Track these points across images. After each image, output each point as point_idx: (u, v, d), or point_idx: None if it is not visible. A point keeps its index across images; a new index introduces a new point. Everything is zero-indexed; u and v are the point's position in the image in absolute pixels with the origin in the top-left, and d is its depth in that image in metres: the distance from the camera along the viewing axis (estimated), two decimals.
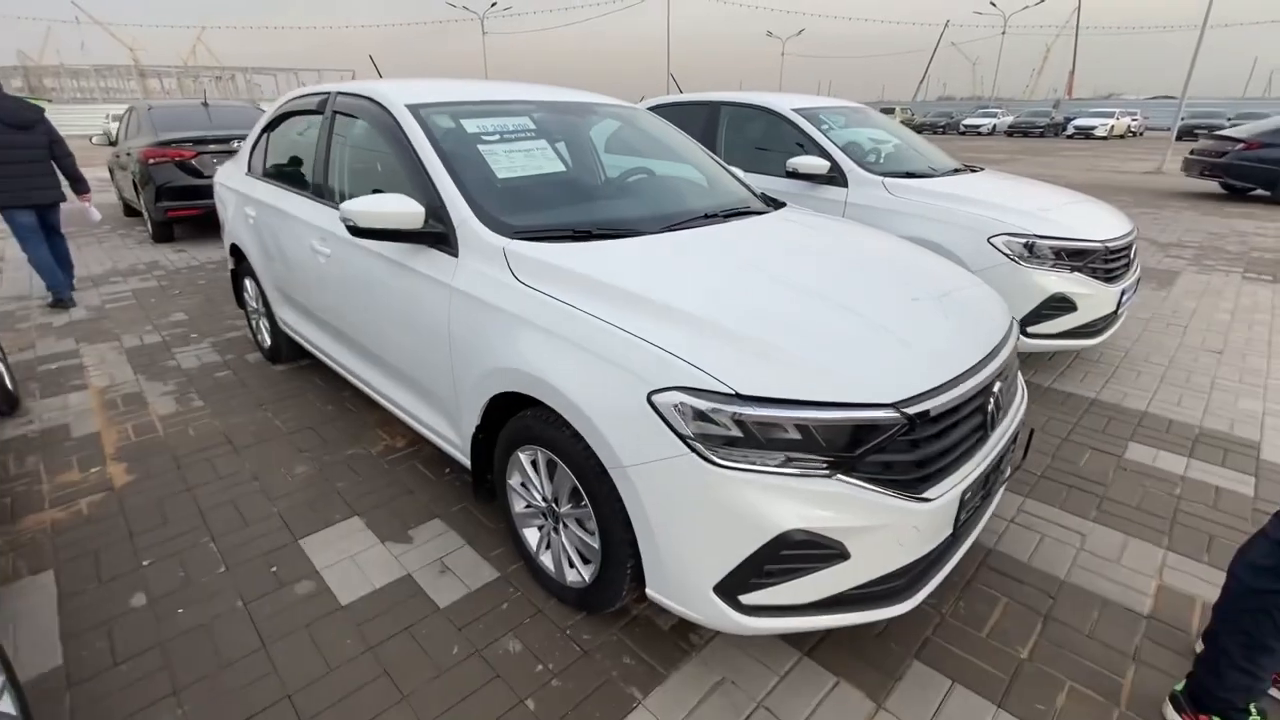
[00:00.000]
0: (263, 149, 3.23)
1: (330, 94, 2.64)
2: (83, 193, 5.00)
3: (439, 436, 2.22)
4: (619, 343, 1.51)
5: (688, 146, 2.94)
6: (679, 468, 1.40)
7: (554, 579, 1.88)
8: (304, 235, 2.63)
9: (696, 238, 2.05)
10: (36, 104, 4.67)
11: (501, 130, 2.30)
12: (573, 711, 1.56)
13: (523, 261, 1.78)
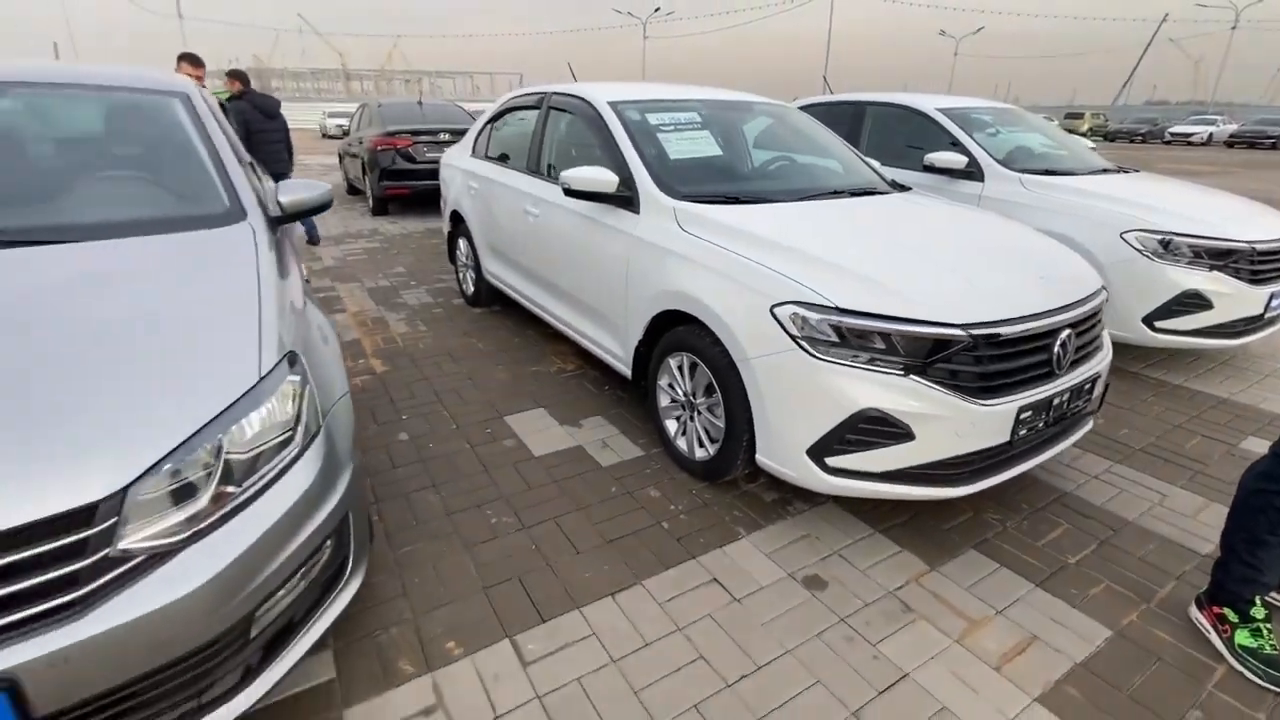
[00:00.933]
0: (486, 136, 4.18)
1: (547, 93, 3.46)
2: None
3: (606, 352, 2.93)
4: (751, 271, 2.10)
5: (828, 139, 3.43)
6: (788, 360, 1.96)
7: (686, 457, 2.50)
8: (519, 201, 3.47)
9: (822, 205, 2.58)
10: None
11: (675, 122, 2.96)
12: (693, 533, 2.17)
13: (687, 216, 2.42)
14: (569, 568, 2.00)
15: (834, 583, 1.96)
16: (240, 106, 5.75)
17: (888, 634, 1.77)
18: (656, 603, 1.86)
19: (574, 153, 3.25)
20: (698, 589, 1.92)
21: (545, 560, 2.04)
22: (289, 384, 1.39)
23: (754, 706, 1.55)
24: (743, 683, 1.61)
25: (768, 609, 1.85)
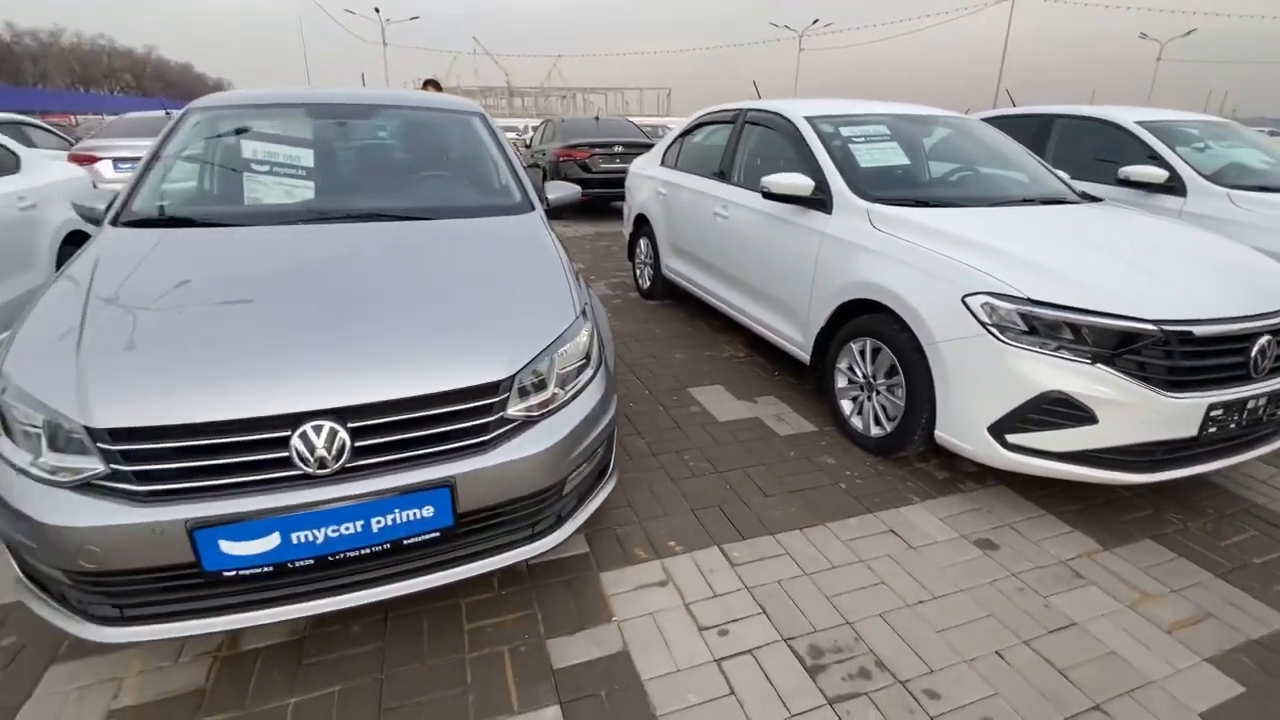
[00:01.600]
0: (678, 147, 4.72)
1: (742, 109, 3.91)
2: None
3: (785, 339, 3.29)
4: (942, 264, 2.37)
5: (1013, 150, 3.54)
6: (976, 344, 2.21)
7: (860, 433, 2.79)
8: (708, 205, 3.94)
9: (1010, 211, 2.77)
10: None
11: (865, 134, 3.27)
12: (869, 494, 2.46)
13: (879, 216, 2.73)
14: (760, 505, 2.39)
15: (1005, 546, 2.17)
16: None
17: (1058, 591, 1.97)
18: (839, 540, 2.20)
19: (765, 162, 3.66)
20: (876, 535, 2.23)
21: (739, 497, 2.44)
22: (586, 326, 1.92)
23: (932, 622, 1.84)
24: (921, 606, 1.90)
25: (942, 557, 2.12)
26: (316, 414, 1.44)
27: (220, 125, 2.61)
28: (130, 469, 1.37)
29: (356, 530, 1.46)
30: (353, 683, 1.62)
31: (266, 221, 2.22)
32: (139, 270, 1.86)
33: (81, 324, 1.59)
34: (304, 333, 1.61)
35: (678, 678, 1.65)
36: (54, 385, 1.42)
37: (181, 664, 1.68)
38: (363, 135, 2.92)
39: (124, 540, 1.34)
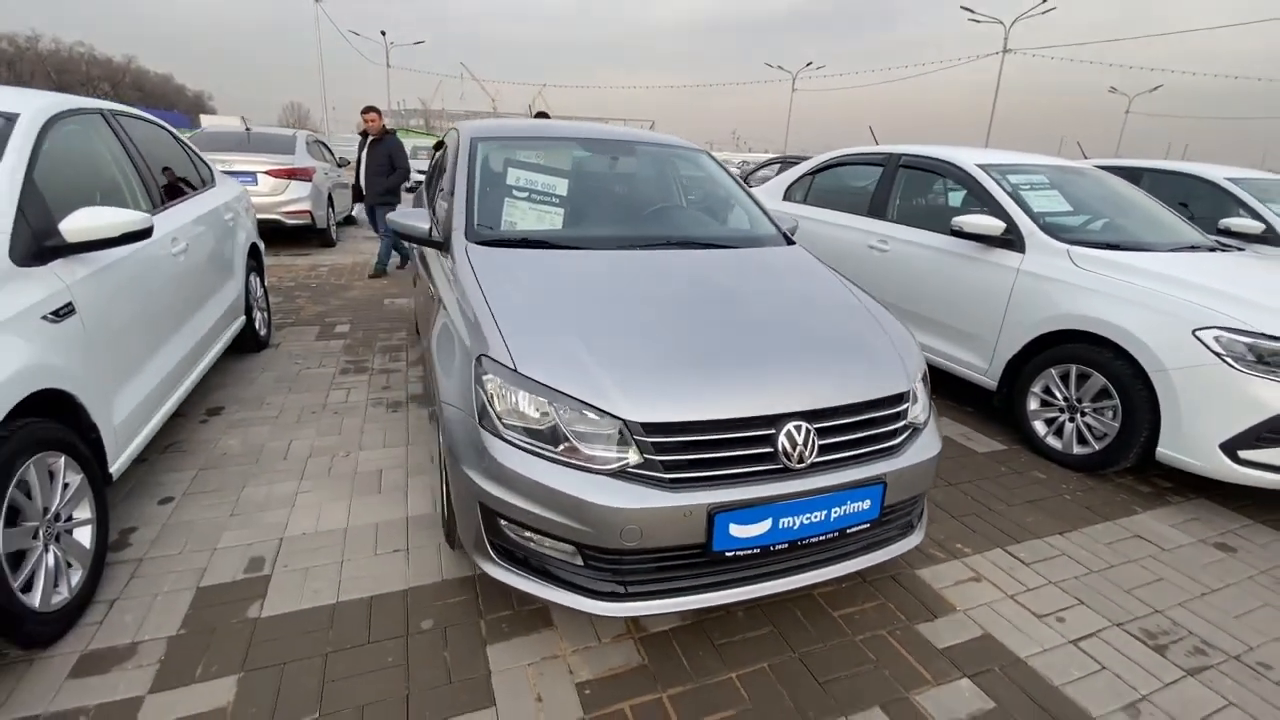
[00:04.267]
0: (805, 185, 5.05)
1: (895, 154, 4.26)
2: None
3: (961, 365, 3.59)
4: (1168, 300, 2.70)
5: (1144, 198, 3.96)
6: (1210, 373, 2.53)
7: (1059, 452, 3.09)
8: (860, 239, 4.25)
9: (1190, 255, 3.15)
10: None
11: (1031, 182, 3.63)
12: (1095, 505, 2.74)
13: (1082, 257, 3.06)
14: (1008, 513, 2.65)
15: (1243, 549, 2.47)
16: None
17: None
18: (1100, 543, 2.47)
19: (926, 202, 4.01)
20: (1127, 540, 2.51)
21: (984, 506, 2.70)
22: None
23: (1226, 609, 2.11)
24: (1207, 596, 2.17)
25: (1193, 559, 2.40)
26: (794, 415, 1.67)
27: (510, 154, 2.82)
28: (659, 459, 1.57)
29: (820, 519, 1.68)
30: (775, 660, 1.81)
31: (600, 245, 2.44)
32: (545, 279, 2.08)
33: (556, 324, 1.80)
34: (752, 344, 1.85)
35: (1049, 655, 1.88)
36: (586, 383, 1.62)
37: (605, 645, 1.85)
38: (636, 169, 3.17)
39: (658, 521, 1.54)
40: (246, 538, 2.26)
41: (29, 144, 2.11)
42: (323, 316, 5.17)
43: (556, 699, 1.65)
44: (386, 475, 2.73)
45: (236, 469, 2.72)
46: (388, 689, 1.65)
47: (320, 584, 2.03)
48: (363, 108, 6.61)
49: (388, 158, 6.51)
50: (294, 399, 3.49)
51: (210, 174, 3.97)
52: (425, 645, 1.80)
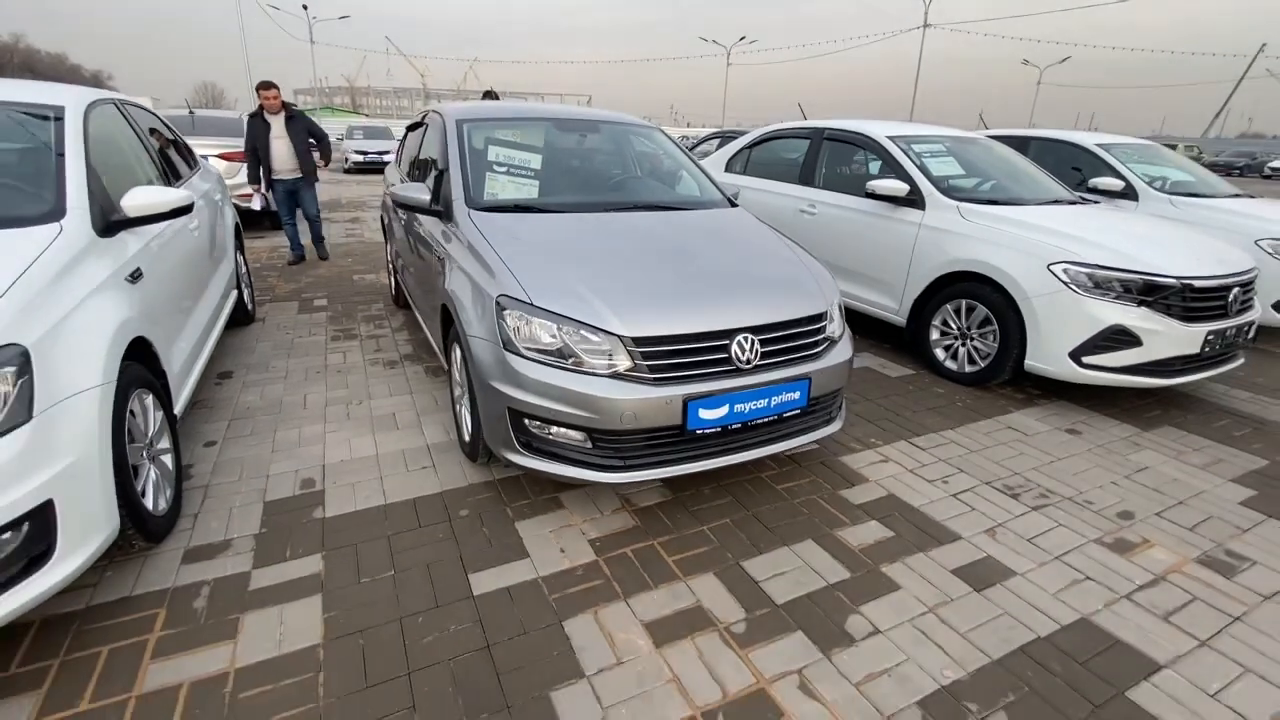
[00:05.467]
0: (744, 158, 5.61)
1: (820, 128, 4.86)
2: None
3: (877, 308, 4.26)
4: (1031, 243, 3.40)
5: (1022, 161, 4.70)
6: (1060, 297, 3.25)
7: (955, 372, 3.79)
8: (791, 205, 4.86)
9: (1052, 208, 3.88)
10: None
11: (931, 150, 4.31)
12: (978, 409, 3.45)
13: (969, 211, 3.75)
14: (912, 418, 3.33)
15: (1086, 432, 3.23)
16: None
17: (1129, 452, 3.02)
18: (981, 433, 3.17)
19: (847, 170, 4.64)
20: (1001, 430, 3.22)
21: (893, 413, 3.37)
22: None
23: (1063, 470, 2.83)
24: (1056, 463, 2.90)
25: (1048, 440, 3.13)
26: (742, 330, 2.23)
27: (489, 134, 3.24)
28: (645, 363, 2.11)
29: (764, 405, 2.26)
30: (734, 516, 2.40)
31: (577, 210, 2.92)
32: (538, 236, 2.56)
33: (554, 269, 2.30)
34: (708, 280, 2.39)
35: (935, 505, 2.54)
36: (587, 310, 2.13)
37: (606, 515, 2.39)
38: (600, 145, 3.63)
39: (646, 408, 2.08)
40: (292, 465, 2.67)
41: (80, 132, 2.42)
42: (298, 293, 5.43)
43: (575, 549, 2.19)
44: (399, 416, 3.16)
45: (264, 418, 3.10)
46: (443, 553, 2.15)
47: (368, 493, 2.49)
48: (259, 83, 5.92)
49: (307, 132, 6.10)
50: (295, 362, 3.84)
51: (195, 158, 4.20)
52: (465, 525, 2.30)
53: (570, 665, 1.71)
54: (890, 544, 2.28)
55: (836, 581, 2.07)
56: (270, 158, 5.96)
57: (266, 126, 5.89)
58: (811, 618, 1.91)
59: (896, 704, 1.63)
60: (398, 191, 2.95)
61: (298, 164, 6.08)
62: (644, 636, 1.82)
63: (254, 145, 5.91)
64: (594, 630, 1.83)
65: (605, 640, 1.80)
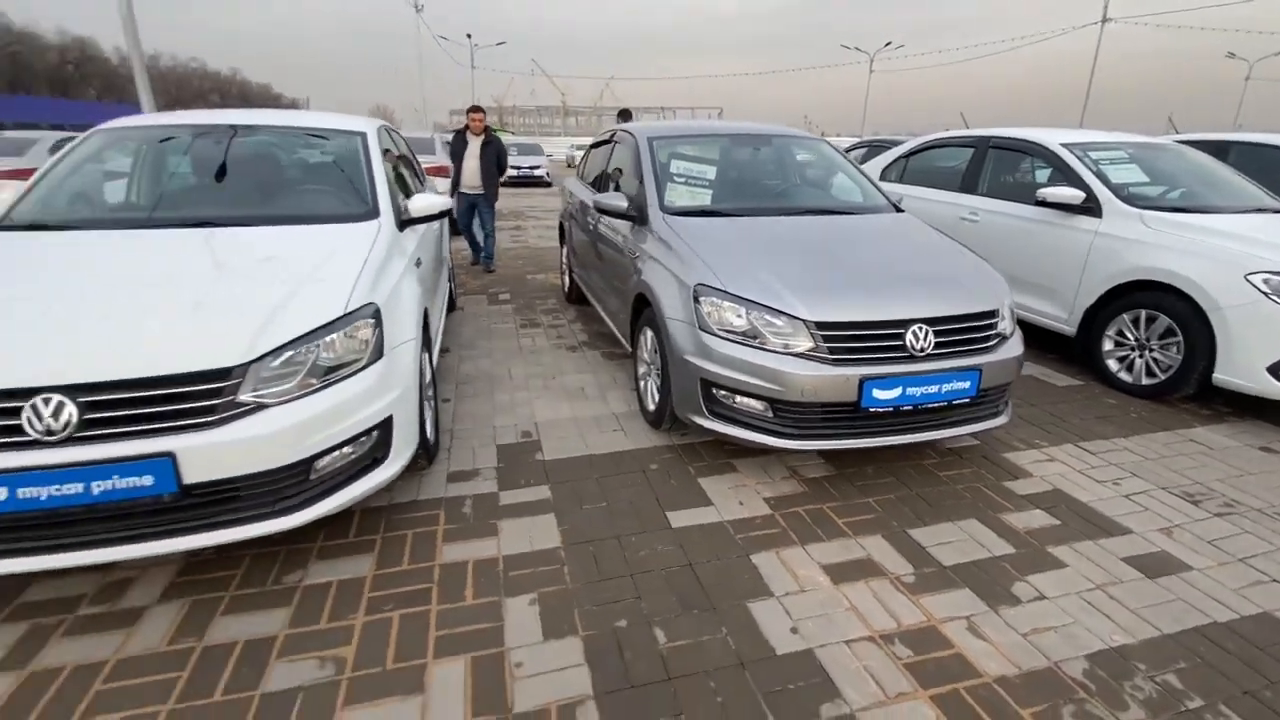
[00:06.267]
0: (901, 166, 5.70)
1: (986, 136, 4.87)
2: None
3: (1043, 316, 4.20)
4: (1227, 252, 3.26)
5: (1221, 168, 4.39)
6: (1258, 308, 3.09)
7: (1130, 384, 3.68)
8: (953, 212, 4.89)
9: (1248, 216, 3.65)
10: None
11: (1111, 157, 4.18)
12: (1156, 421, 3.35)
13: (1153, 219, 3.64)
14: (1081, 424, 3.31)
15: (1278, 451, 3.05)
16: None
17: None
18: (1159, 444, 3.11)
19: (1014, 178, 4.61)
20: (1179, 443, 3.12)
21: (1061, 419, 3.37)
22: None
23: (1253, 483, 2.73)
24: (1236, 478, 2.80)
25: (1237, 454, 3.01)
26: (917, 320, 2.46)
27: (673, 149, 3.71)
28: (826, 345, 2.41)
29: (935, 391, 2.48)
30: (898, 493, 2.62)
31: (753, 214, 3.29)
32: (724, 236, 2.96)
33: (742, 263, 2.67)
34: (882, 274, 2.66)
35: (1105, 502, 2.59)
36: (775, 297, 2.48)
37: (776, 480, 2.71)
38: (770, 156, 4.01)
39: (826, 385, 2.38)
40: (511, 420, 3.27)
41: (379, 150, 3.18)
42: (485, 288, 6.29)
43: (751, 504, 2.53)
44: (587, 390, 3.70)
45: (482, 383, 3.76)
46: (640, 494, 2.58)
47: (573, 445, 3.00)
48: (471, 106, 6.80)
49: (496, 156, 6.71)
50: (495, 344, 4.54)
51: (421, 170, 5.11)
52: (656, 476, 2.73)
53: (760, 586, 2.06)
54: (1056, 530, 2.39)
55: (1002, 554, 2.24)
56: (461, 172, 6.73)
57: (465, 144, 6.71)
58: (978, 580, 2.11)
59: (1064, 654, 1.80)
60: (601, 200, 3.48)
61: (482, 182, 6.76)
62: (822, 574, 2.12)
63: (456, 160, 6.76)
64: (777, 565, 2.17)
65: (788, 573, 2.12)
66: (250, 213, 2.73)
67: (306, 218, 2.71)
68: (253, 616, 1.91)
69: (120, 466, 1.67)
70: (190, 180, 2.91)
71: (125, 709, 1.60)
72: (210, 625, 1.87)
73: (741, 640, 1.84)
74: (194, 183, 2.91)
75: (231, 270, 2.25)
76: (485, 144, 6.73)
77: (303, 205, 2.88)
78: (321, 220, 2.70)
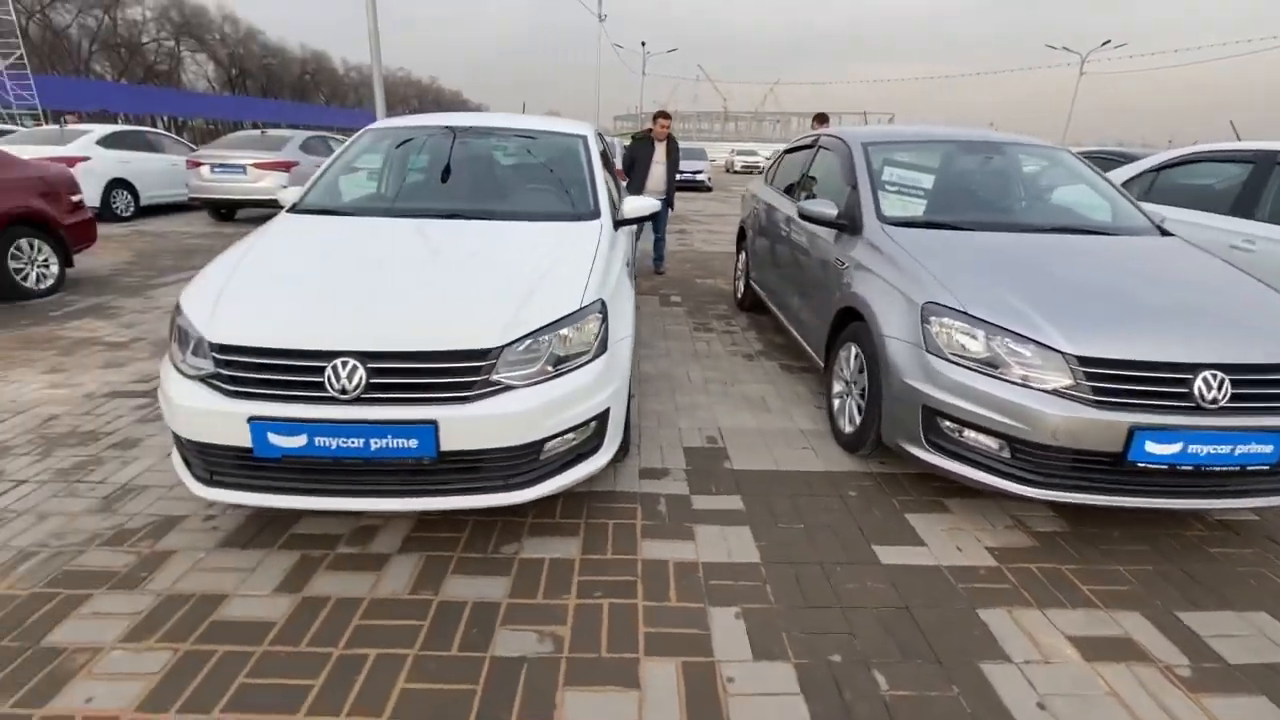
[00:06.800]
0: (1149, 180, 4.91)
1: (1270, 151, 4.04)
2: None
3: None
4: None
5: None
6: None
7: None
8: (1221, 239, 4.12)
9: None
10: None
11: None
12: None
13: None
14: None
15: None
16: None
17: None
18: None
19: None
20: None
21: None
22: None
23: None
24: None
25: None
26: (1208, 365, 2.07)
27: (887, 155, 3.48)
28: (1089, 384, 2.10)
29: (1226, 452, 2.07)
30: (1158, 566, 2.23)
31: (981, 228, 2.99)
32: (955, 250, 2.73)
33: (981, 281, 2.43)
34: (1163, 307, 2.30)
35: None
36: (1025, 323, 2.22)
37: (998, 529, 2.42)
38: (998, 166, 3.66)
39: (1084, 428, 2.07)
40: (695, 424, 3.26)
41: (596, 152, 3.32)
42: (655, 289, 6.41)
43: (971, 550, 2.28)
44: (769, 401, 3.59)
45: (662, 384, 3.80)
46: (840, 520, 2.43)
47: (762, 457, 2.92)
48: (658, 111, 6.90)
49: (677, 163, 6.94)
50: (671, 344, 4.58)
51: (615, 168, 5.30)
52: (856, 504, 2.56)
53: (993, 648, 1.83)
54: None
55: None
56: (648, 178, 6.84)
57: (651, 150, 6.83)
58: (1278, 688, 1.71)
59: None
60: (807, 207, 3.35)
61: (665, 187, 6.93)
62: (1069, 647, 1.84)
63: (632, 164, 6.89)
64: (1011, 626, 1.92)
65: (1026, 638, 1.87)
66: (491, 207, 2.97)
67: (538, 214, 2.89)
68: (478, 580, 2.05)
69: (395, 428, 1.86)
70: (441, 175, 3.22)
71: (380, 645, 1.77)
72: (444, 581, 2.03)
73: (978, 705, 1.64)
74: (444, 177, 3.21)
75: (484, 259, 2.44)
76: (670, 149, 6.87)
77: (535, 203, 3.08)
78: (551, 218, 2.87)
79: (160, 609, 1.88)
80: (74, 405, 3.26)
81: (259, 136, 10.52)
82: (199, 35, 58.76)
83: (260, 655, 1.73)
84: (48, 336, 4.36)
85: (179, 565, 2.07)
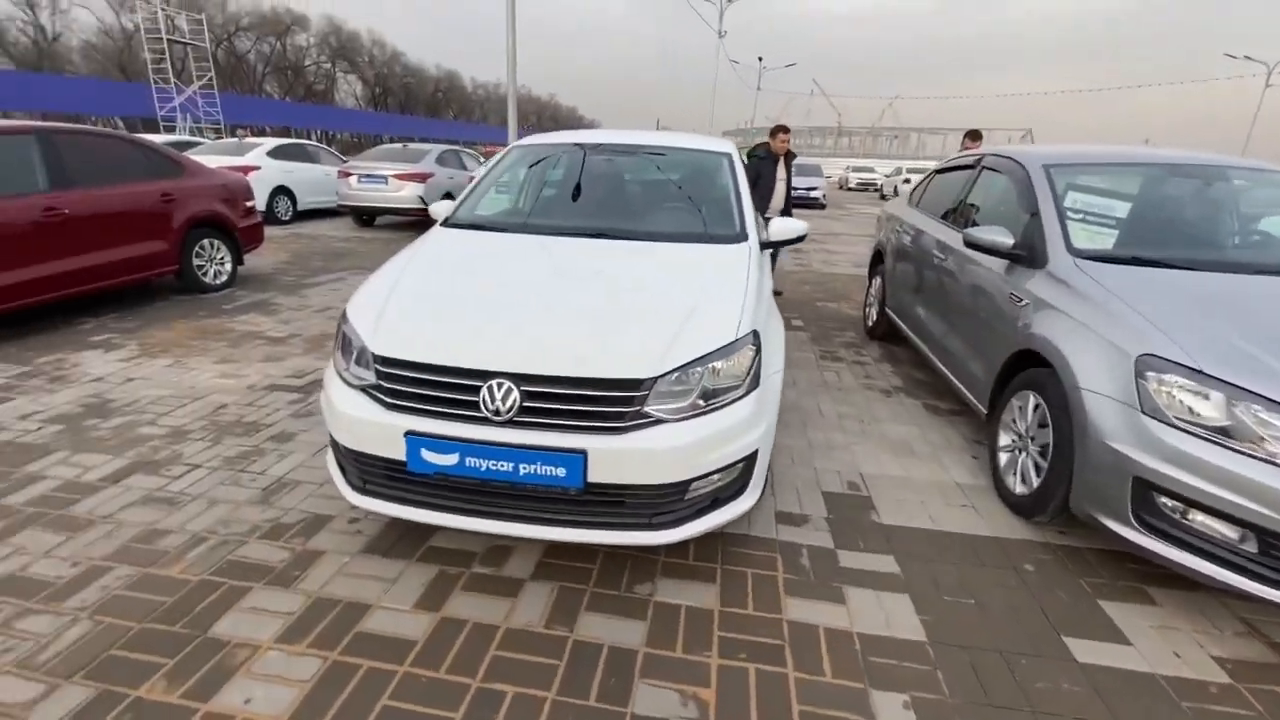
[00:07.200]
0: None
1: None
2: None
3: None
4: None
5: None
6: None
7: None
8: None
9: None
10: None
11: None
12: None
13: None
14: None
15: None
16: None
17: None
18: None
19: None
20: None
21: None
22: None
23: None
24: None
25: None
26: None
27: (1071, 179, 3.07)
28: None
29: None
30: None
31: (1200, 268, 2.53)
32: (1174, 292, 2.32)
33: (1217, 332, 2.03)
34: None
35: None
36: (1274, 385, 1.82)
37: (1226, 635, 1.99)
38: (1215, 194, 3.15)
39: None
40: (832, 465, 3.00)
41: (742, 171, 3.17)
42: None
43: (1193, 657, 1.88)
44: (914, 446, 3.26)
45: (792, 416, 3.56)
46: (1019, 600, 2.10)
47: (913, 513, 2.61)
48: (777, 125, 6.57)
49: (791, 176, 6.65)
50: (798, 374, 4.32)
51: None
52: (1037, 582, 2.21)
53: None
54: None
55: None
56: (773, 195, 6.51)
57: (774, 165, 6.55)
58: None
59: None
60: (976, 234, 3.02)
61: (785, 205, 6.60)
62: None
63: (756, 179, 6.38)
64: None
65: None
66: (637, 226, 2.90)
67: (683, 235, 2.77)
68: (612, 621, 1.93)
69: (545, 455, 1.79)
70: (586, 192, 3.20)
71: (517, 682, 1.69)
72: (578, 617, 1.94)
73: None
74: (590, 195, 3.19)
75: (635, 282, 2.35)
76: (788, 163, 6.61)
77: (679, 223, 2.97)
78: (696, 239, 2.74)
79: (310, 612, 1.92)
80: (240, 396, 3.53)
81: (401, 149, 11.34)
82: (351, 58, 65.30)
83: (402, 677, 1.70)
84: (220, 329, 4.81)
85: (327, 567, 2.12)
